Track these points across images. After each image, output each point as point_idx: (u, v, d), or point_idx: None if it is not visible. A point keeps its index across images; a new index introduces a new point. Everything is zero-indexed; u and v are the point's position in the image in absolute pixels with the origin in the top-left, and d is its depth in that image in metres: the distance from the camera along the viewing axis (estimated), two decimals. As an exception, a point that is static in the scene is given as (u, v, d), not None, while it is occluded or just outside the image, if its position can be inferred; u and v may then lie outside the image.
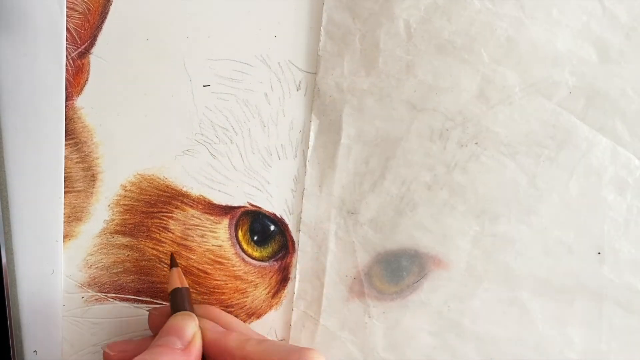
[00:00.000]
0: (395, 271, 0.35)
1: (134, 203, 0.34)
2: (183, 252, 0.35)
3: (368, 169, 0.34)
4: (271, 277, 0.36)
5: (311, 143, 0.35)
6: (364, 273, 0.35)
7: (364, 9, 0.33)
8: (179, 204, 0.34)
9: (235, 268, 0.35)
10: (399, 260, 0.35)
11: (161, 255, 0.34)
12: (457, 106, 0.34)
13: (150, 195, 0.34)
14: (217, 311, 0.34)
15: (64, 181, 0.33)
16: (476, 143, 0.34)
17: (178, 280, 0.32)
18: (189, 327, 0.30)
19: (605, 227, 0.35)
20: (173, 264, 0.33)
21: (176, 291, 0.32)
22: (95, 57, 0.32)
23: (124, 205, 0.34)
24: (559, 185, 0.35)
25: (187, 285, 0.33)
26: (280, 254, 0.36)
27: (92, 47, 0.32)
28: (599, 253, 0.35)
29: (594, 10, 0.33)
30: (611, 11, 0.33)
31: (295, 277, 0.36)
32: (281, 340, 0.36)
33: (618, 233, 0.35)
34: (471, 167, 0.34)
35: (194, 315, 0.31)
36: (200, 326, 0.31)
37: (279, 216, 0.35)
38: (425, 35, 0.33)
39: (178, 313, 0.31)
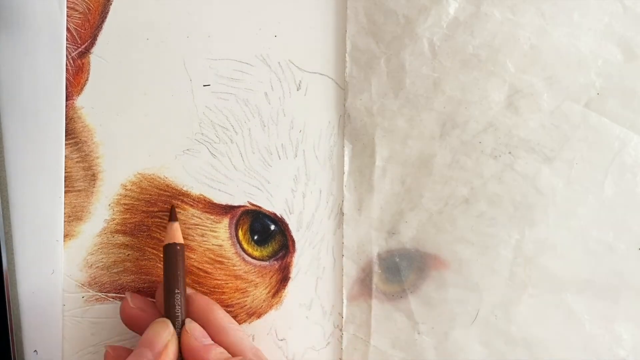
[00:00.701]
0: (440, 286, 0.36)
1: (135, 202, 0.34)
2: (183, 252, 0.35)
3: (405, 188, 0.35)
4: (271, 277, 0.36)
5: (346, 168, 0.35)
6: (409, 291, 0.36)
7: (387, 32, 0.34)
8: (179, 203, 0.34)
9: (235, 267, 0.35)
10: (442, 275, 0.35)
11: (162, 255, 0.34)
12: (488, 118, 0.34)
13: (150, 195, 0.34)
14: (214, 311, 0.33)
15: (64, 181, 0.33)
16: (509, 152, 0.34)
17: (175, 235, 0.32)
18: (161, 337, 0.30)
19: None
20: (172, 217, 0.33)
21: (170, 246, 0.32)
22: (96, 57, 0.32)
23: (125, 204, 0.34)
24: (594, 186, 0.35)
25: (182, 242, 0.32)
26: (281, 254, 0.36)
27: (92, 46, 0.32)
28: None
29: (615, 10, 0.34)
30: (632, 10, 0.33)
31: (294, 277, 0.36)
32: (281, 340, 0.36)
33: None
34: (506, 177, 0.35)
35: (167, 321, 0.31)
36: (185, 329, 0.31)
37: (279, 215, 0.35)
38: (449, 51, 0.34)
39: (155, 321, 0.31)
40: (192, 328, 0.31)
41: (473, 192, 0.35)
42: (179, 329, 0.31)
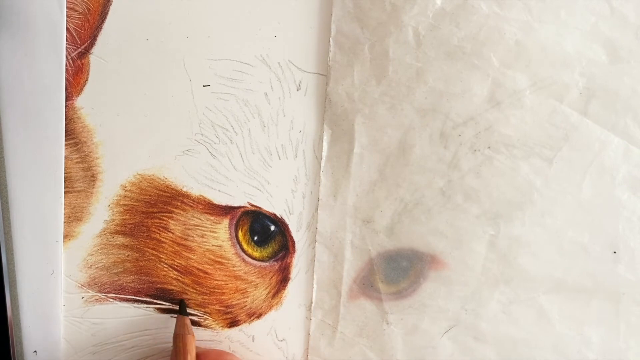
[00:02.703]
0: (412, 277, 0.35)
1: (134, 203, 0.34)
2: (183, 252, 0.35)
3: (382, 177, 0.35)
4: (271, 277, 0.35)
5: (324, 153, 0.35)
6: (380, 280, 0.35)
7: (372, 19, 0.33)
8: (179, 204, 0.34)
9: (235, 268, 0.35)
10: (415, 266, 0.35)
11: (161, 256, 0.34)
12: (469, 111, 0.34)
13: (150, 196, 0.34)
14: None
15: (64, 181, 0.33)
16: (489, 147, 0.34)
17: (185, 329, 0.33)
18: None
19: (620, 226, 0.35)
20: (182, 311, 0.34)
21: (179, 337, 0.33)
22: (95, 57, 0.32)
23: (124, 205, 0.34)
24: (572, 186, 0.35)
25: (193, 334, 0.33)
26: (281, 254, 0.36)
27: (92, 47, 0.32)
28: (615, 252, 0.35)
29: (602, 11, 0.33)
30: (619, 11, 0.33)
31: (294, 278, 0.36)
32: (281, 341, 0.36)
33: (633, 232, 0.35)
34: (484, 171, 0.34)
35: None
36: None
37: (279, 216, 0.35)
38: (434, 42, 0.33)
39: None
40: None
41: (450, 184, 0.34)
42: None
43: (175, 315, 0.35)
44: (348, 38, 0.34)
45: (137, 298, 0.35)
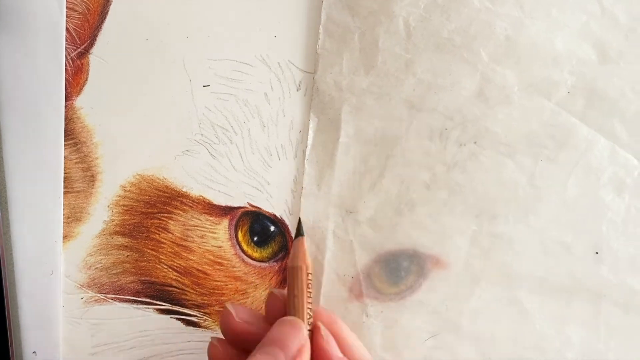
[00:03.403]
0: (394, 271, 0.35)
1: (134, 203, 0.34)
2: (183, 253, 0.34)
3: (367, 167, 0.34)
4: (271, 278, 0.35)
5: (310, 142, 0.35)
6: (362, 272, 0.35)
7: (363, 7, 0.33)
8: (178, 204, 0.34)
9: (235, 269, 0.35)
10: (397, 260, 0.35)
11: (161, 256, 0.34)
12: (457, 105, 0.34)
13: (149, 196, 0.34)
14: (341, 327, 0.31)
15: (64, 181, 0.33)
16: (475, 142, 0.34)
17: (303, 256, 0.30)
18: (295, 338, 0.27)
19: (604, 227, 0.35)
20: (300, 231, 0.31)
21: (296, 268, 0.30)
22: (95, 57, 0.32)
23: (124, 205, 0.34)
24: (557, 185, 0.35)
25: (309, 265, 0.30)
26: (280, 255, 0.35)
27: (91, 47, 0.32)
28: (597, 253, 0.35)
29: (594, 11, 0.33)
30: (610, 11, 0.33)
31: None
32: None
33: (616, 233, 0.35)
34: (470, 167, 0.34)
35: (301, 323, 0.28)
36: (321, 335, 0.28)
37: (279, 217, 0.35)
38: (424, 33, 0.33)
39: (285, 318, 0.28)
40: (329, 337, 0.28)
41: (435, 178, 0.34)
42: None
43: (175, 316, 0.35)
44: (338, 26, 0.33)
45: (137, 299, 0.35)
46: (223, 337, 0.30)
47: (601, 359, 0.36)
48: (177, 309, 0.35)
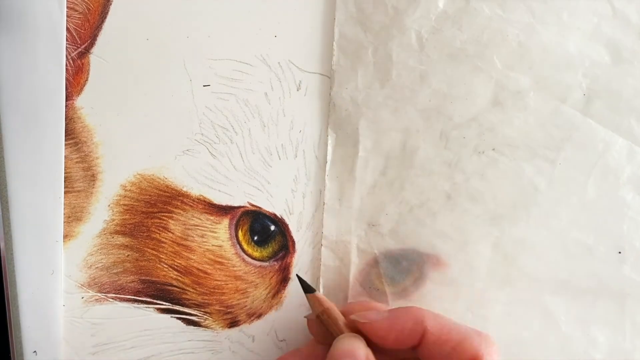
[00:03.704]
0: (417, 279, 0.35)
1: (134, 203, 0.34)
2: (183, 252, 0.35)
3: (386, 180, 0.35)
4: (271, 277, 0.35)
5: (329, 157, 0.35)
6: (387, 284, 0.35)
7: (375, 23, 0.33)
8: (179, 204, 0.34)
9: (235, 268, 0.35)
10: (420, 268, 0.35)
11: (161, 256, 0.34)
12: (473, 113, 0.34)
13: (150, 195, 0.34)
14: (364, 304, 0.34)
15: (64, 181, 0.33)
16: (493, 149, 0.34)
17: (323, 304, 0.32)
18: (360, 349, 0.30)
19: (625, 226, 0.35)
20: (307, 288, 0.33)
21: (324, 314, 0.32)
22: (95, 57, 0.32)
23: (124, 205, 0.34)
24: (577, 187, 0.35)
25: (331, 306, 0.32)
26: (281, 254, 0.35)
27: (92, 47, 0.32)
28: (620, 253, 0.35)
29: (605, 12, 0.34)
30: (622, 12, 0.33)
31: (294, 278, 0.36)
32: (281, 341, 0.36)
33: (638, 232, 0.35)
34: (489, 174, 0.34)
35: (359, 336, 0.31)
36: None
37: (279, 216, 0.35)
38: (437, 44, 0.33)
39: (342, 336, 0.31)
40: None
41: (455, 187, 0.34)
42: None
43: (176, 316, 0.35)
44: (351, 42, 0.34)
45: (137, 298, 0.35)
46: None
47: (628, 358, 0.36)
48: (177, 309, 0.35)
